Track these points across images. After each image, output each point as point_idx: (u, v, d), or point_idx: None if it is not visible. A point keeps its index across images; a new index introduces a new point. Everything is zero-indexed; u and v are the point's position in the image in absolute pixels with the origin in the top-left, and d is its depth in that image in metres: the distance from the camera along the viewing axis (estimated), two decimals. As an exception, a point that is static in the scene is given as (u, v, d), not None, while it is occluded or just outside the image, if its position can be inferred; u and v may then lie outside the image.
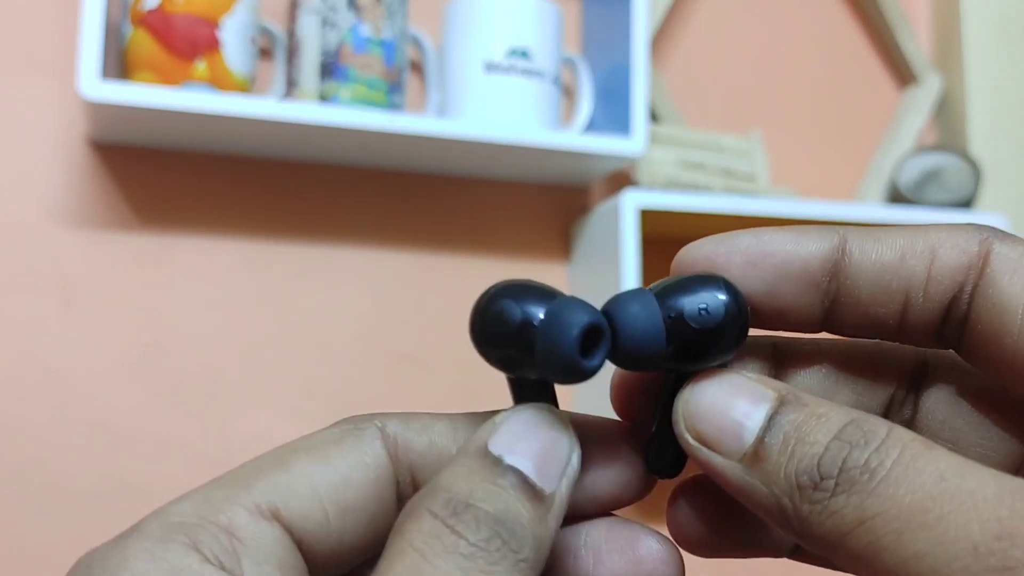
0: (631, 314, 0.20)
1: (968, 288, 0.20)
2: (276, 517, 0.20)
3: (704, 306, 0.20)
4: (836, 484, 0.17)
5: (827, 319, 0.21)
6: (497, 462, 0.19)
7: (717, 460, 0.19)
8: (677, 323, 0.20)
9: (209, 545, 0.18)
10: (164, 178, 0.84)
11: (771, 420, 0.19)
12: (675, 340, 0.20)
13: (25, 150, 0.81)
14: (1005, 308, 0.19)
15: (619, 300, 0.20)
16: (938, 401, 0.22)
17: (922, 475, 0.17)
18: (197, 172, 0.85)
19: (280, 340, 0.86)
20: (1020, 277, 0.19)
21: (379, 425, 0.22)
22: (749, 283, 0.21)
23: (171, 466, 0.81)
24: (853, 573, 0.18)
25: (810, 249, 0.20)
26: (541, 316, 0.20)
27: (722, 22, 1.03)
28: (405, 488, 0.22)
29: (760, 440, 0.19)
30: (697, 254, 0.21)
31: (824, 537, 0.18)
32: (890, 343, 0.22)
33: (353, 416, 0.22)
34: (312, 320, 0.87)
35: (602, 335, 0.20)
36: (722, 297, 0.20)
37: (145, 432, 0.81)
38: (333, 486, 0.21)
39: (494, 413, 0.22)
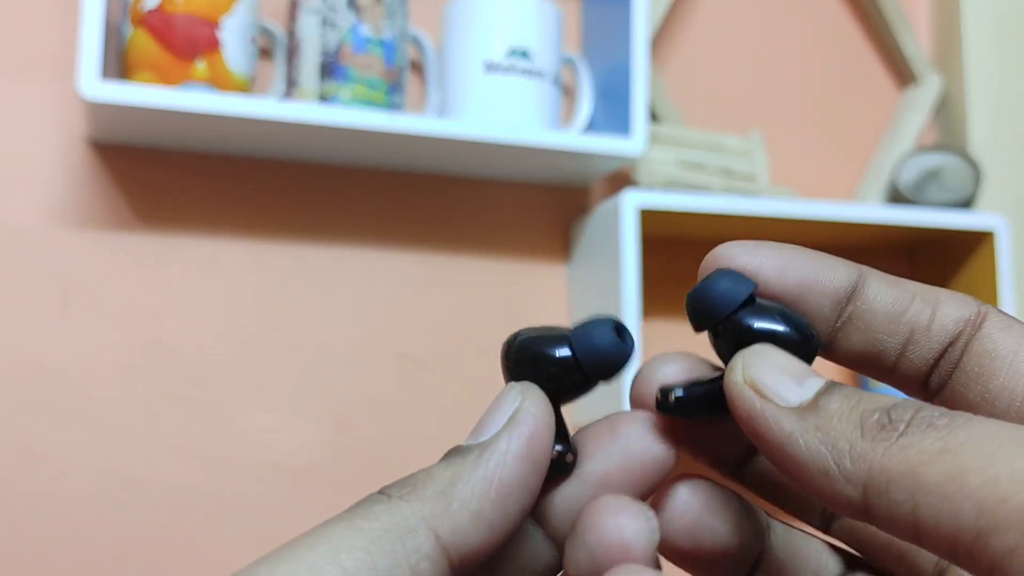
0: (727, 275, 0.22)
1: (963, 339, 0.21)
2: None
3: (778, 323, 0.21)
4: (908, 425, 0.18)
5: (834, 341, 0.22)
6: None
7: (770, 408, 0.19)
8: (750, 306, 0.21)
9: None
10: (164, 178, 0.84)
11: (829, 385, 0.19)
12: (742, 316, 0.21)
13: (25, 150, 0.81)
14: (996, 354, 0.21)
15: (725, 270, 0.22)
16: None
17: (1003, 422, 0.17)
18: (197, 172, 0.85)
19: (280, 340, 0.86)
20: (1011, 333, 0.21)
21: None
22: (774, 288, 0.22)
23: (171, 466, 0.81)
24: (897, 515, 0.17)
25: (838, 272, 0.22)
26: (572, 329, 0.22)
27: (722, 22, 1.03)
28: None
29: (820, 394, 0.19)
30: (730, 262, 0.22)
31: (887, 471, 0.17)
32: None
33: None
34: (312, 320, 0.87)
35: (625, 330, 0.22)
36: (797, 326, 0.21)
37: (144, 432, 0.81)
38: None
39: None
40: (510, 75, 0.82)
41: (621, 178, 0.95)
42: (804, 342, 0.21)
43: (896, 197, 1.00)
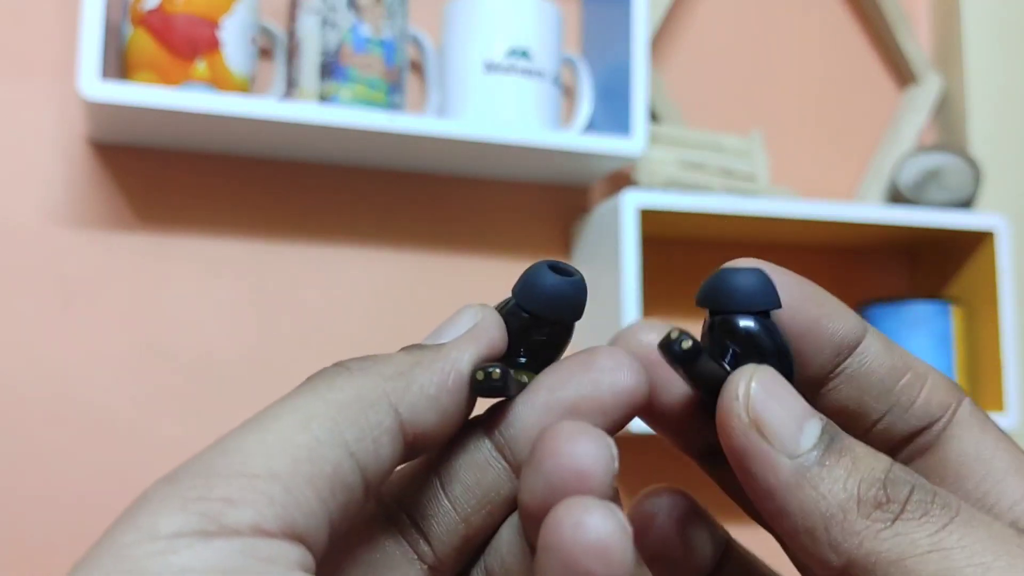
0: (761, 274, 0.21)
1: (942, 424, 0.21)
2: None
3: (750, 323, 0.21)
4: (903, 510, 0.18)
5: (821, 393, 0.22)
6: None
7: (771, 452, 0.19)
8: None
9: None
10: (164, 178, 0.84)
11: (825, 432, 0.19)
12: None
13: (25, 150, 0.81)
14: (978, 456, 0.21)
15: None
16: None
17: (993, 524, 0.18)
18: (197, 172, 0.85)
19: (280, 340, 0.86)
20: (989, 435, 0.21)
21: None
22: (783, 320, 0.21)
23: (170, 466, 0.81)
24: None
25: (848, 322, 0.21)
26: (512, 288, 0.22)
27: (722, 22, 1.03)
28: None
29: (819, 445, 0.19)
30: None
31: (877, 554, 0.17)
32: None
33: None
34: (312, 320, 0.87)
35: (564, 265, 0.22)
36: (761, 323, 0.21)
37: (145, 431, 0.81)
38: None
39: None
40: (510, 75, 0.82)
41: (621, 178, 0.95)
42: (789, 379, 0.20)
43: (896, 197, 1.00)
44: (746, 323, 0.20)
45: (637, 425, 0.22)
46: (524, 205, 0.94)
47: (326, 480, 0.18)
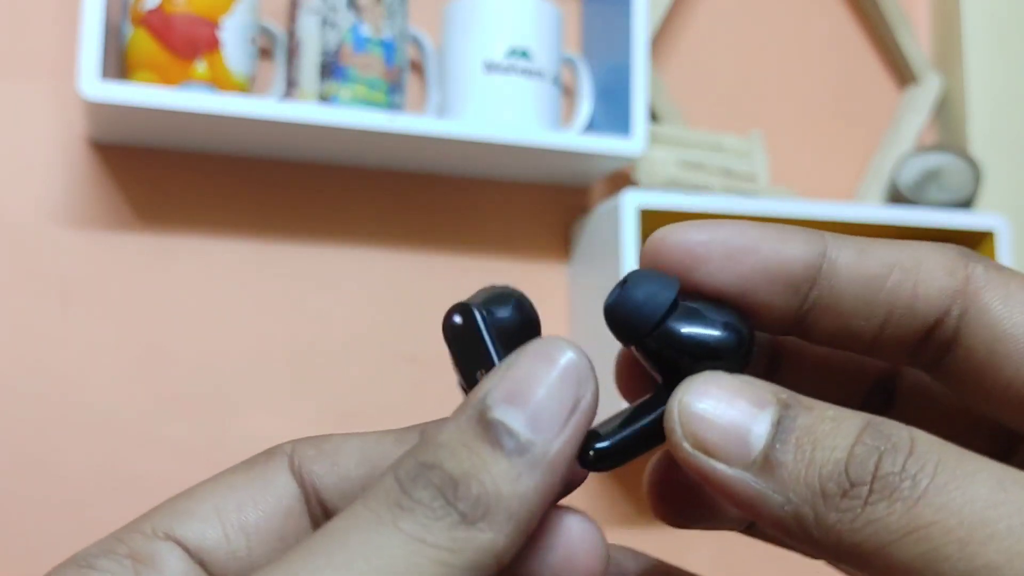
0: (646, 279, 0.19)
1: (955, 312, 0.19)
2: (170, 537, 0.20)
3: (712, 335, 0.19)
4: (871, 491, 0.16)
5: (801, 325, 0.20)
6: (483, 416, 0.18)
7: (722, 469, 0.17)
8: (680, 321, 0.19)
9: (108, 567, 0.20)
10: (164, 178, 0.84)
11: (778, 425, 0.18)
12: (671, 332, 0.19)
13: (25, 150, 0.81)
14: (1006, 336, 0.19)
15: (643, 272, 0.20)
16: (906, 411, 0.22)
17: (974, 482, 0.16)
18: (197, 172, 0.85)
19: (280, 340, 0.86)
20: (1015, 304, 0.19)
21: (288, 451, 0.22)
22: (724, 277, 0.20)
23: (170, 466, 0.81)
24: None
25: (794, 252, 0.19)
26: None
27: (722, 22, 1.03)
28: (314, 508, 0.22)
29: (771, 446, 0.17)
30: (675, 240, 0.20)
31: (857, 546, 0.16)
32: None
33: (272, 448, 0.23)
34: (312, 320, 0.87)
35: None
36: (727, 333, 0.19)
37: (145, 432, 0.81)
38: (234, 507, 0.21)
39: (412, 430, 0.22)
40: (510, 75, 0.82)
41: (621, 178, 0.95)
42: (739, 345, 0.19)
43: (896, 197, 1.00)
44: (661, 335, 0.18)
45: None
46: (524, 205, 0.94)
47: None
